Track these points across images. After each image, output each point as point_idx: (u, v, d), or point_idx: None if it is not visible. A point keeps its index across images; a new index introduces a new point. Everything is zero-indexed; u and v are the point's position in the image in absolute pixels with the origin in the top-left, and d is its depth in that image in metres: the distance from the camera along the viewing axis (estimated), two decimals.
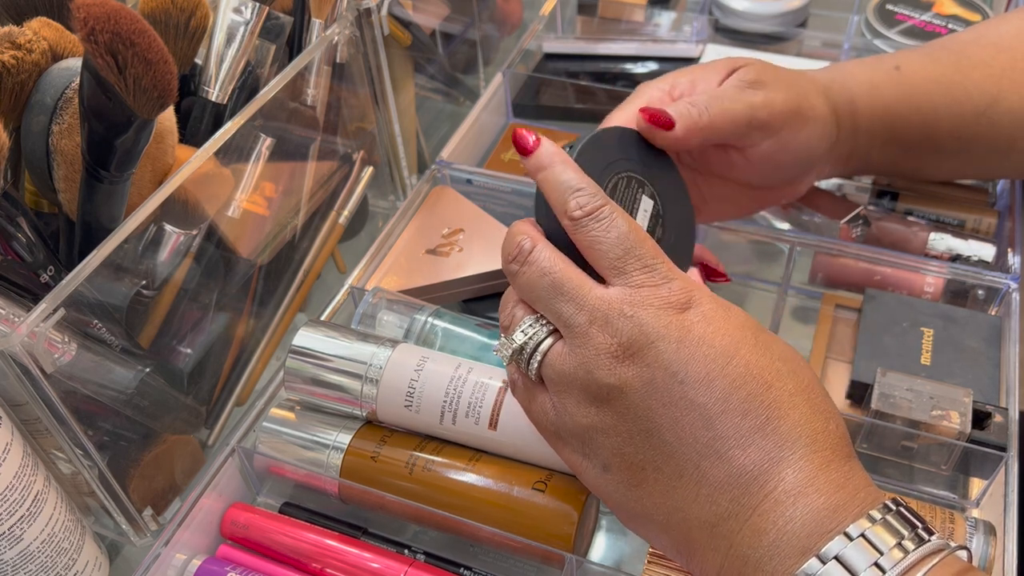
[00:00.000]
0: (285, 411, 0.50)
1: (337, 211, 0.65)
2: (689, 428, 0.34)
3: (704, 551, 0.34)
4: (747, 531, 0.33)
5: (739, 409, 0.33)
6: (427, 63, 0.76)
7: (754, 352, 0.35)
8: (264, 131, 0.55)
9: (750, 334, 0.35)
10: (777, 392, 0.34)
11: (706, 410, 0.34)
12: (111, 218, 0.46)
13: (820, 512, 0.32)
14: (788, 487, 0.32)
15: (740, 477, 0.33)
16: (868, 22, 0.81)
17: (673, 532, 0.35)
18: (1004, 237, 0.59)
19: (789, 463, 0.33)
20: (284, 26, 0.58)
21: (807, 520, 0.32)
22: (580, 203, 0.37)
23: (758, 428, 0.33)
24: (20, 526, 0.42)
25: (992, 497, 0.48)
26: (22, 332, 0.40)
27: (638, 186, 0.44)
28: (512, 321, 0.39)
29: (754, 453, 0.33)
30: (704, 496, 0.34)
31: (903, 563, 0.30)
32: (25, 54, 0.43)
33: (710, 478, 0.33)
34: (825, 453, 0.33)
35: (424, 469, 0.46)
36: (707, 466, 0.34)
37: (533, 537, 0.44)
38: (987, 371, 0.51)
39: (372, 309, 0.54)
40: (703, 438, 0.34)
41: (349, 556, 0.45)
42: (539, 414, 0.39)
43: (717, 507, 0.33)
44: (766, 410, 0.33)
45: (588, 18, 0.88)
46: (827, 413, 0.35)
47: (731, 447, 0.33)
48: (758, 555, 0.32)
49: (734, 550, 0.33)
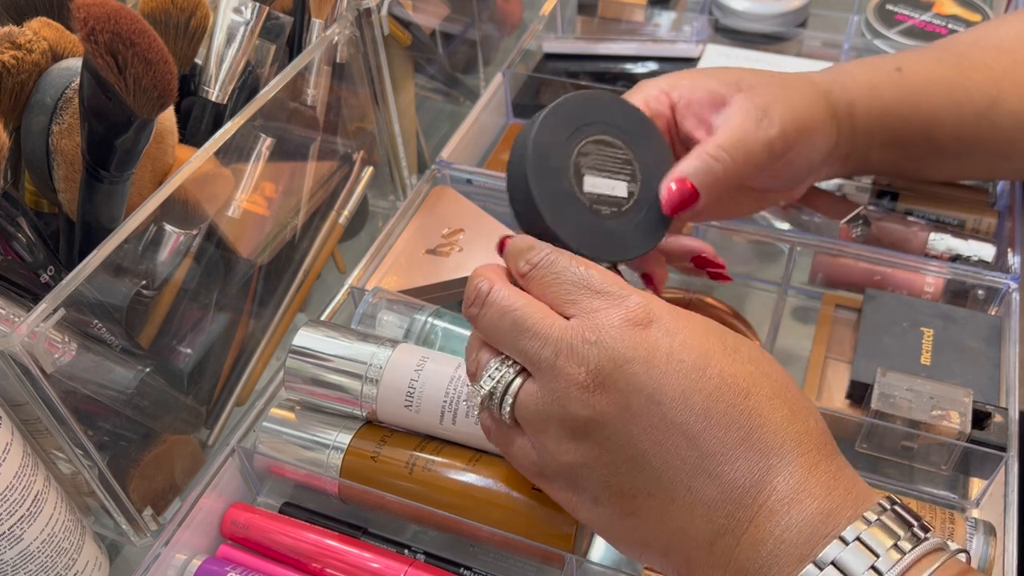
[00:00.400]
0: (285, 411, 0.50)
1: (337, 211, 0.65)
2: (674, 449, 0.33)
3: (704, 569, 0.34)
4: (745, 544, 0.32)
5: (721, 423, 0.33)
6: (427, 63, 0.76)
7: (725, 359, 0.34)
8: (264, 131, 0.55)
9: (716, 340, 0.35)
10: (756, 399, 0.33)
11: (688, 428, 0.33)
12: (111, 218, 0.46)
13: (814, 517, 0.32)
14: (781, 495, 0.32)
15: (732, 492, 0.33)
16: (868, 22, 0.81)
17: (672, 555, 0.35)
18: (1004, 237, 0.59)
19: (778, 470, 0.32)
20: (284, 26, 0.58)
21: (803, 527, 0.31)
22: (528, 259, 0.38)
23: (742, 440, 0.33)
24: (20, 526, 0.42)
25: (992, 497, 0.48)
26: (22, 332, 0.40)
27: (612, 148, 0.44)
28: (478, 367, 0.39)
29: (743, 466, 0.33)
30: (700, 516, 0.33)
31: (900, 564, 0.30)
32: (25, 54, 0.43)
33: (703, 498, 0.33)
34: (812, 454, 0.33)
35: (424, 469, 0.46)
36: (698, 486, 0.33)
37: (533, 537, 0.44)
38: (987, 371, 0.51)
39: (372, 309, 0.54)
40: (690, 458, 0.33)
41: (349, 556, 0.45)
42: (520, 457, 0.39)
43: (714, 525, 0.33)
44: (748, 419, 0.33)
45: (588, 18, 0.88)
46: (805, 411, 0.34)
47: (719, 463, 0.33)
48: (757, 566, 0.32)
49: (733, 564, 0.33)
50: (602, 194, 0.44)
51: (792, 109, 0.49)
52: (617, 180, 0.44)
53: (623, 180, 0.45)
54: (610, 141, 0.44)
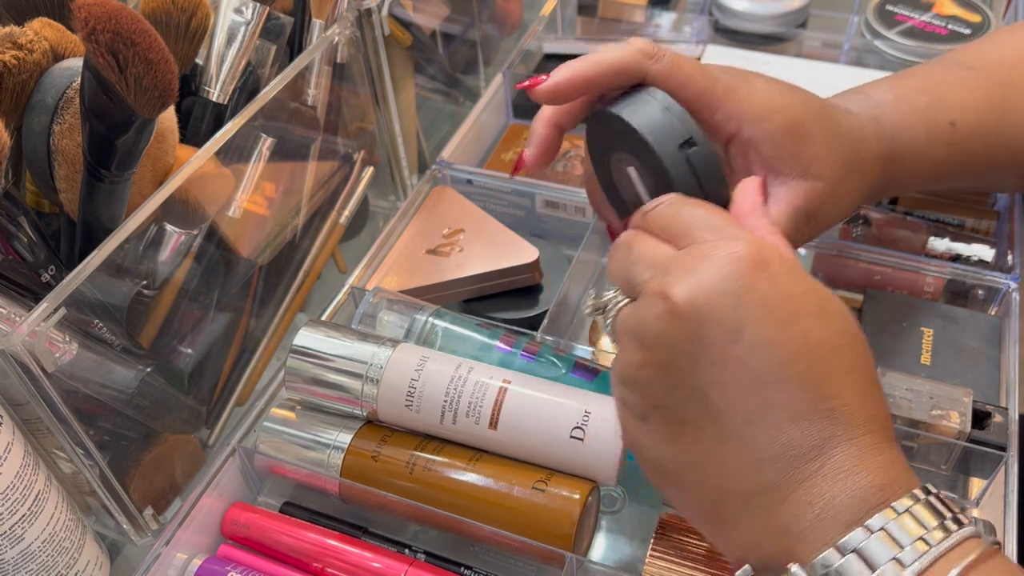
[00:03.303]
0: (286, 411, 0.50)
1: (338, 211, 0.65)
2: (737, 391, 0.33)
3: (736, 521, 0.34)
4: (792, 503, 0.32)
5: (794, 382, 0.32)
6: (427, 63, 0.76)
7: (816, 322, 0.33)
8: (265, 131, 0.55)
9: (815, 301, 0.34)
10: (835, 371, 0.33)
11: (759, 376, 0.32)
12: (112, 218, 0.46)
13: (868, 489, 0.31)
14: (838, 465, 0.32)
15: (788, 450, 0.32)
16: (868, 23, 0.81)
17: (704, 497, 0.34)
18: (1004, 237, 0.60)
19: (840, 442, 0.32)
20: (285, 26, 0.58)
21: (855, 496, 0.31)
22: (644, 209, 0.39)
23: (812, 404, 0.32)
24: (21, 525, 0.42)
25: (992, 497, 0.48)
26: (23, 331, 0.40)
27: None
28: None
29: (807, 429, 0.32)
30: (747, 465, 0.33)
31: (945, 543, 0.30)
32: (26, 54, 0.43)
33: (756, 448, 0.32)
34: (875, 437, 0.33)
35: (424, 469, 0.46)
36: (753, 435, 0.32)
37: (533, 537, 0.44)
38: (987, 371, 0.51)
39: (373, 309, 0.54)
40: (752, 405, 0.33)
41: (350, 556, 0.45)
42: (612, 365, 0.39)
43: (760, 477, 0.33)
44: (821, 387, 0.32)
45: (588, 19, 0.88)
46: (878, 398, 0.34)
47: (782, 420, 0.32)
48: (800, 527, 0.32)
49: (773, 521, 0.32)
50: None
51: (841, 205, 0.46)
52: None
53: None
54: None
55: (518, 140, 0.75)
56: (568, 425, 0.45)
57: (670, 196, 0.39)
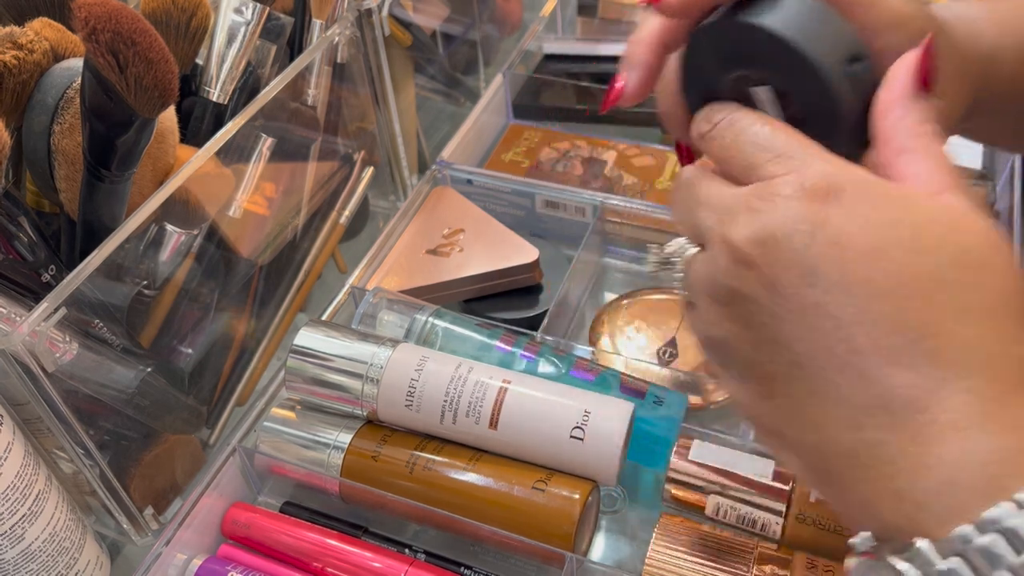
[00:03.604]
0: (286, 411, 0.50)
1: (338, 211, 0.66)
2: (822, 339, 0.29)
3: (843, 482, 0.30)
4: (903, 464, 0.28)
5: (883, 324, 0.28)
6: (427, 63, 0.76)
7: (908, 257, 0.29)
8: (265, 131, 0.55)
9: (906, 232, 0.29)
10: (939, 308, 0.28)
11: (841, 319, 0.29)
12: (112, 218, 0.46)
13: (1006, 451, 0.26)
14: (956, 417, 0.27)
15: (886, 399, 0.28)
16: None
17: (806, 457, 0.31)
18: None
19: (954, 387, 0.27)
20: (285, 26, 0.58)
21: (988, 458, 0.26)
22: (708, 117, 0.35)
23: (910, 344, 0.28)
24: (22, 525, 0.42)
25: None
26: (24, 331, 0.40)
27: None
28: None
29: (907, 373, 0.28)
30: (842, 418, 0.29)
31: None
32: (27, 54, 0.44)
33: (849, 398, 0.29)
34: (1005, 382, 0.28)
35: (425, 468, 0.46)
36: (844, 383, 0.29)
37: (533, 536, 0.44)
38: None
39: (373, 309, 0.54)
40: (839, 351, 0.29)
41: (350, 555, 0.45)
42: (690, 329, 0.36)
43: (860, 433, 0.29)
44: (921, 327, 0.28)
45: (588, 19, 0.88)
46: (1015, 336, 0.29)
47: (876, 365, 0.28)
48: (920, 493, 0.27)
49: (884, 484, 0.28)
50: None
51: (950, 123, 0.39)
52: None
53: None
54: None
55: (518, 140, 0.75)
56: (568, 425, 0.45)
57: (728, 115, 0.34)
